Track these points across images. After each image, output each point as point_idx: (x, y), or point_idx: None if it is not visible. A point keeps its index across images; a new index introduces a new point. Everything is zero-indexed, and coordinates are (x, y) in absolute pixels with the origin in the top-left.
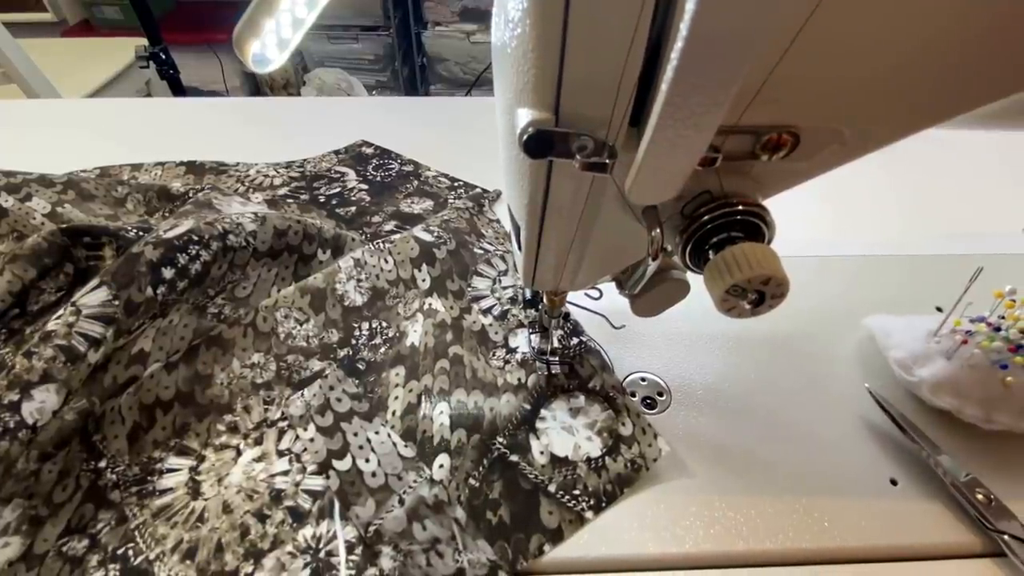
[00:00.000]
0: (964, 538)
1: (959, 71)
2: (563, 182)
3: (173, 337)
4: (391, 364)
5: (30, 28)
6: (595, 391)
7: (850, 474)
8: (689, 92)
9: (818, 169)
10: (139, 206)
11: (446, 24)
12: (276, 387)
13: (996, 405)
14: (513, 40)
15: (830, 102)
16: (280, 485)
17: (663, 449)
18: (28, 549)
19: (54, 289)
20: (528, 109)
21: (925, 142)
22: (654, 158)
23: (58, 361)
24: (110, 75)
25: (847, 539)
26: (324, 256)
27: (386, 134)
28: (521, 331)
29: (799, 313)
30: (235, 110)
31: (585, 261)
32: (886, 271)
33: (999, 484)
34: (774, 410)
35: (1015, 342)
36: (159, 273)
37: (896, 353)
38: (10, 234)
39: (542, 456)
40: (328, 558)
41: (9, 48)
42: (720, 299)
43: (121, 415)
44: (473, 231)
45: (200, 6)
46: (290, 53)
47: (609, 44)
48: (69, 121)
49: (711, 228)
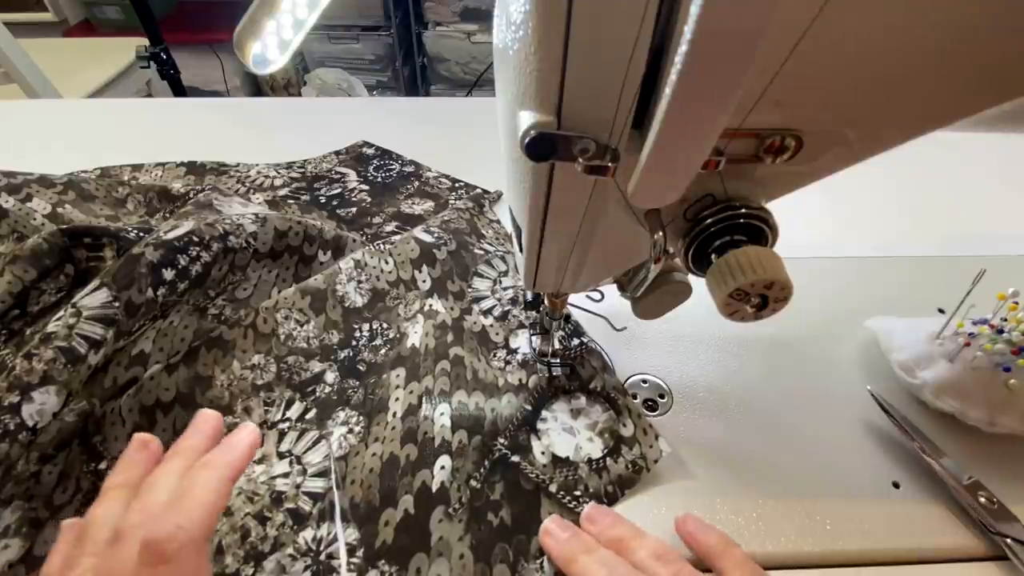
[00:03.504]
0: (966, 541)
1: (963, 74)
2: (565, 185)
3: (173, 338)
4: (392, 365)
5: (31, 28)
6: (596, 392)
7: (852, 477)
8: (693, 95)
9: (822, 172)
10: (140, 207)
11: (447, 24)
12: (276, 388)
13: (999, 408)
14: (515, 42)
15: (834, 105)
16: (281, 487)
17: (664, 450)
18: (28, 551)
19: (54, 290)
20: (530, 112)
21: (928, 144)
22: (657, 161)
23: (58, 363)
24: (110, 75)
25: (849, 542)
26: (325, 257)
27: (387, 135)
28: (522, 332)
29: (801, 315)
30: (236, 110)
31: (587, 264)
32: (889, 273)
33: (1002, 487)
34: (776, 412)
35: (1018, 344)
36: (160, 274)
37: (898, 355)
38: (10, 235)
39: (543, 456)
40: (328, 560)
41: (10, 48)
42: (723, 303)
43: (121, 417)
44: (473, 232)
45: (201, 6)
46: (291, 54)
47: (612, 46)
48: (69, 121)
49: (714, 231)
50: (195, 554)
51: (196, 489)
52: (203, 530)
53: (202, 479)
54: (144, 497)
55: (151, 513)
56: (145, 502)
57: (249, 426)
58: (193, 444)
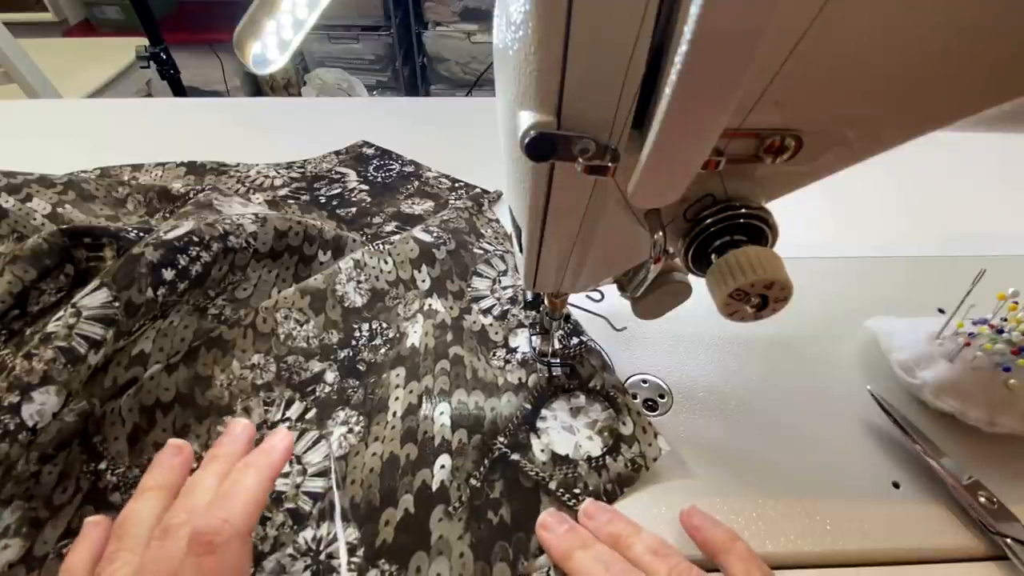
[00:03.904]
0: (966, 541)
1: (963, 74)
2: (565, 185)
3: (173, 338)
4: (391, 365)
5: (30, 28)
6: (596, 390)
7: (852, 476)
8: (693, 95)
9: (822, 172)
10: (140, 207)
11: (447, 24)
12: (276, 388)
13: (999, 408)
14: (515, 42)
15: (834, 105)
16: (280, 487)
17: (663, 448)
18: (28, 551)
19: (54, 290)
20: (530, 112)
21: (928, 144)
22: (657, 161)
23: (58, 363)
24: (110, 75)
25: (849, 542)
26: (324, 257)
27: (387, 134)
28: (521, 331)
29: (801, 315)
30: (236, 110)
31: (587, 264)
32: (888, 273)
33: (1001, 487)
34: (776, 412)
35: (1018, 344)
36: (159, 274)
37: (898, 355)
38: (10, 235)
39: (543, 454)
40: (328, 560)
41: (9, 48)
42: (723, 303)
43: (121, 417)
44: (473, 231)
45: (201, 6)
46: (291, 54)
47: (612, 46)
48: (69, 121)
49: (714, 231)
50: (239, 546)
51: (239, 487)
52: (247, 525)
53: (244, 478)
54: (187, 498)
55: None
56: (189, 502)
57: (283, 430)
58: (231, 450)
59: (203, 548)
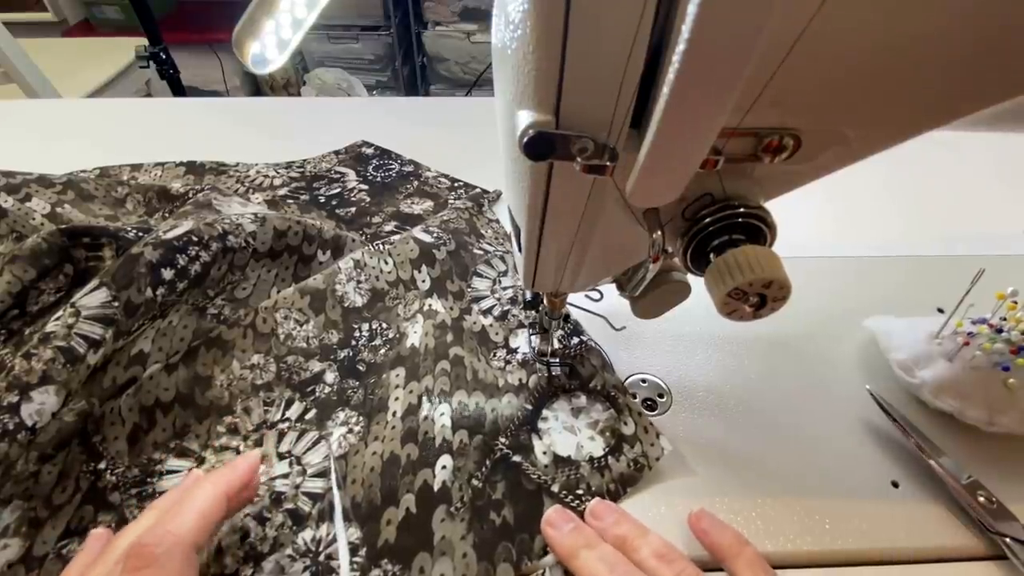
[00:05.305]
0: (965, 540)
1: (962, 74)
2: (564, 184)
3: (173, 338)
4: (391, 365)
5: (30, 28)
6: (597, 390)
7: (851, 476)
8: (691, 94)
9: (820, 171)
10: (139, 207)
11: (446, 24)
12: (276, 388)
13: (998, 407)
14: (513, 41)
15: (833, 104)
16: (280, 488)
17: (665, 448)
18: (27, 551)
19: (53, 290)
20: (528, 111)
21: (926, 143)
22: (655, 161)
23: (57, 362)
24: (110, 75)
25: (848, 541)
26: (324, 257)
27: (386, 134)
28: (521, 331)
29: (800, 314)
30: (235, 110)
31: (586, 263)
32: (887, 272)
33: (1000, 486)
34: (775, 412)
35: (1017, 344)
36: (159, 274)
37: (897, 355)
38: (10, 235)
39: (545, 456)
40: (328, 561)
41: (9, 48)
42: (722, 302)
43: (121, 416)
44: (473, 231)
45: (200, 6)
46: (290, 54)
47: (610, 46)
48: (69, 121)
49: (712, 231)
50: (181, 558)
51: (190, 499)
52: (192, 535)
53: (197, 491)
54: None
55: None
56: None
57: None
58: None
59: (140, 561)
